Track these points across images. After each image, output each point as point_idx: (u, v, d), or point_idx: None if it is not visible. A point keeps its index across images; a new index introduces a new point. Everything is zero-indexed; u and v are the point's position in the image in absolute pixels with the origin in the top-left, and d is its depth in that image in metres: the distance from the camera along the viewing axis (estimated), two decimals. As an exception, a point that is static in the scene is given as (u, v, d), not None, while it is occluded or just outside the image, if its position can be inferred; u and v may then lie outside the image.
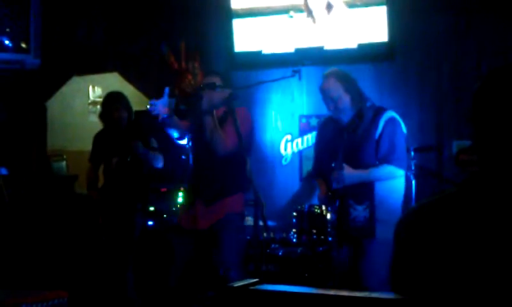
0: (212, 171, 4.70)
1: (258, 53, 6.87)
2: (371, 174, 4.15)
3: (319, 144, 4.63)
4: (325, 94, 4.36)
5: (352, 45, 6.42)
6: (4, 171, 6.15)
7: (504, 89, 1.53)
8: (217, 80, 4.69)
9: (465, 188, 1.55)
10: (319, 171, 4.58)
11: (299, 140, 6.85)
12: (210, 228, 4.71)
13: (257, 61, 6.90)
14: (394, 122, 4.19)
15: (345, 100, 4.27)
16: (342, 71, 4.47)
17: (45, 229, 6.14)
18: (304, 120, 6.87)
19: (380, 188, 4.16)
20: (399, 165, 4.16)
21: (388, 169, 4.14)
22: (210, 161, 4.68)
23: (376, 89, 6.09)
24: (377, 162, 4.18)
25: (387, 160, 4.14)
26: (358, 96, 4.28)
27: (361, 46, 6.37)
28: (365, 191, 4.16)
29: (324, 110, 6.77)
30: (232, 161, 4.64)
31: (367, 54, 6.37)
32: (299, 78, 6.24)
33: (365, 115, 4.22)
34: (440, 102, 6.21)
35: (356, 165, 4.16)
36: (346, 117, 4.30)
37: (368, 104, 4.30)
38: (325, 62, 6.65)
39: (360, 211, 4.15)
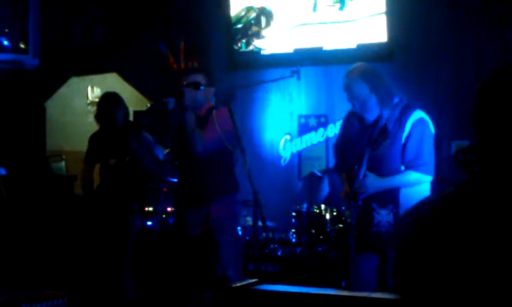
0: (197, 176, 4.65)
1: (258, 53, 6.88)
2: (395, 181, 3.94)
3: (342, 140, 4.37)
4: (350, 94, 4.06)
5: (351, 45, 6.42)
6: (3, 171, 6.15)
7: (506, 89, 1.53)
8: (200, 79, 4.62)
9: (466, 188, 1.55)
10: (341, 167, 4.35)
11: (298, 140, 6.85)
12: (203, 232, 4.68)
13: (256, 61, 6.91)
14: (423, 124, 3.94)
15: (372, 100, 3.99)
16: (368, 66, 4.18)
17: (44, 230, 6.14)
18: (303, 120, 6.87)
19: (404, 192, 3.95)
20: (426, 172, 3.93)
21: (414, 176, 3.92)
22: (194, 166, 4.64)
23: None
24: (402, 167, 3.97)
25: (413, 166, 3.92)
26: (385, 95, 4.01)
27: (360, 46, 6.37)
28: (389, 195, 3.93)
29: (322, 110, 6.82)
30: (217, 164, 4.60)
31: (366, 54, 6.36)
32: (298, 78, 6.25)
33: (391, 114, 3.97)
34: (439, 102, 6.21)
35: (380, 169, 3.95)
36: (371, 115, 4.04)
37: (395, 101, 4.03)
38: (324, 63, 6.66)
39: (383, 215, 3.93)
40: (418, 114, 3.97)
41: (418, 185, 3.96)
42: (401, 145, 3.93)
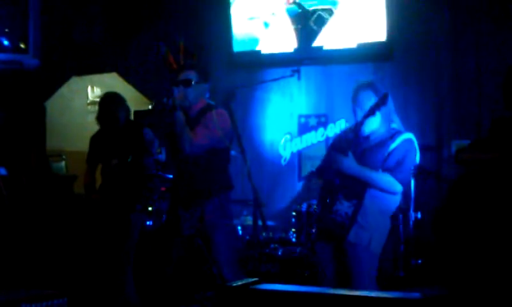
0: (189, 175, 4.63)
1: (258, 53, 6.87)
2: (371, 174, 4.07)
3: (330, 149, 4.49)
4: (355, 102, 4.20)
5: (352, 44, 6.42)
6: (3, 171, 6.15)
7: None
8: (192, 76, 4.60)
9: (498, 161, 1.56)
10: (322, 174, 4.42)
11: (298, 140, 6.85)
12: (197, 232, 4.66)
13: (256, 61, 6.91)
14: (412, 144, 4.13)
15: (375, 116, 4.09)
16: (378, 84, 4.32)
17: (45, 229, 6.14)
18: (303, 120, 6.88)
19: (372, 193, 4.08)
20: (400, 180, 4.09)
21: (389, 179, 4.06)
22: (188, 165, 4.62)
23: (375, 88, 6.09)
24: (380, 170, 4.10)
25: (392, 171, 4.06)
26: (387, 113, 4.16)
27: (360, 45, 6.37)
28: (357, 190, 4.08)
29: (322, 110, 6.81)
30: (210, 163, 4.57)
31: (366, 54, 6.38)
32: (298, 78, 6.26)
33: (382, 133, 4.15)
34: (439, 101, 6.21)
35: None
36: (367, 129, 4.15)
37: (393, 126, 4.20)
38: (324, 62, 6.66)
39: (344, 206, 4.06)
40: (410, 135, 4.17)
41: (387, 189, 4.10)
42: (386, 153, 4.09)
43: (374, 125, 4.15)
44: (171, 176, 5.53)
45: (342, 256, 4.12)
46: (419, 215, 5.50)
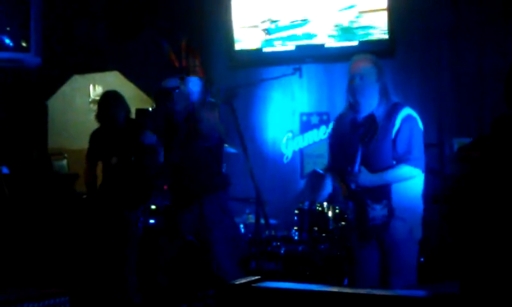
0: (184, 173, 4.63)
1: (259, 51, 6.87)
2: (387, 176, 4.02)
3: (333, 140, 4.45)
4: (353, 76, 4.13)
5: (353, 42, 6.41)
6: (5, 170, 6.15)
7: None
8: (174, 83, 4.81)
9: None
10: (335, 168, 4.41)
11: (300, 138, 6.85)
12: (196, 230, 4.66)
13: (258, 59, 6.91)
14: (411, 120, 4.06)
15: (374, 89, 4.10)
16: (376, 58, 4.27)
17: (46, 228, 6.14)
18: (305, 118, 6.87)
19: (396, 186, 4.03)
20: (416, 165, 4.03)
21: (405, 170, 4.02)
22: (182, 164, 4.62)
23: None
24: (394, 162, 4.04)
25: (404, 159, 4.02)
26: (386, 88, 4.14)
27: (361, 43, 6.36)
28: (382, 190, 4.02)
29: (324, 108, 6.81)
30: (203, 162, 4.60)
31: (367, 51, 6.33)
32: (300, 76, 6.24)
33: (381, 113, 4.05)
34: (440, 99, 6.20)
35: (373, 165, 4.01)
36: (364, 111, 4.08)
37: (393, 100, 4.15)
38: (326, 60, 6.66)
39: (378, 210, 4.01)
40: (407, 111, 4.08)
41: (409, 179, 4.05)
42: (391, 140, 4.02)
43: (368, 106, 4.07)
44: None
45: (383, 246, 4.08)
46: (421, 213, 5.50)
